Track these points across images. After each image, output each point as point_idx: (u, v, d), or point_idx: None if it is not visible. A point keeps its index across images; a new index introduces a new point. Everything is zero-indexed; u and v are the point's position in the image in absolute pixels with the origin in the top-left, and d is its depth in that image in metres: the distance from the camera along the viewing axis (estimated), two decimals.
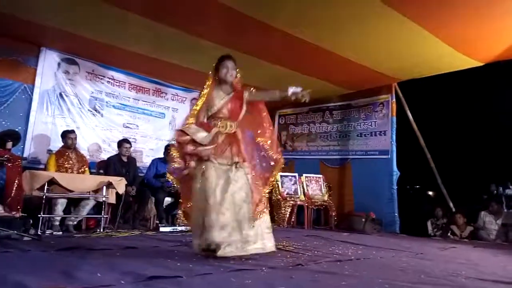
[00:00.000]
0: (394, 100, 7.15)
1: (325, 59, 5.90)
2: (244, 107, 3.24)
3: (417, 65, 6.14)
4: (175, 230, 5.28)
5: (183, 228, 5.40)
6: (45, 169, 5.19)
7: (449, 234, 6.51)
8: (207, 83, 3.31)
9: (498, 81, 6.72)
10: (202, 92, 3.29)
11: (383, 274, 2.60)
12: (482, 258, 3.92)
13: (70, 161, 5.11)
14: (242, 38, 5.39)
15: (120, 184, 5.00)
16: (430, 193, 8.20)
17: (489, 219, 6.35)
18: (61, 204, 4.72)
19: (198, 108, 3.22)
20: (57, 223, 4.69)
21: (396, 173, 6.91)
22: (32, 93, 5.64)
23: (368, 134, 7.46)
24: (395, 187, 6.90)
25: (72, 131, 5.29)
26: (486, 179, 7.25)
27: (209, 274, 2.31)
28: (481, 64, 5.92)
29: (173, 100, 7.37)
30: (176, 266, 2.51)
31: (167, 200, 5.91)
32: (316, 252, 3.55)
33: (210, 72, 3.36)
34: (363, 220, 6.75)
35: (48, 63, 5.80)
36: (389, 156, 7.03)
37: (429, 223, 6.96)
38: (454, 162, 7.71)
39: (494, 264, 3.48)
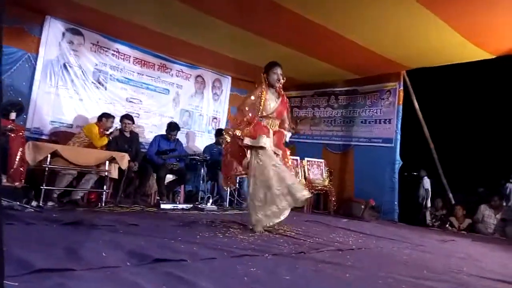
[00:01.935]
0: (401, 88, 7.06)
1: (333, 42, 5.79)
2: (285, 114, 4.03)
3: (428, 53, 6.03)
4: (175, 208, 5.30)
5: (183, 206, 5.43)
6: (54, 138, 5.21)
7: (447, 225, 6.55)
8: (261, 85, 3.89)
9: (508, 74, 6.62)
10: (255, 92, 3.88)
11: (385, 266, 2.61)
12: (482, 253, 3.94)
13: None
14: (251, 17, 5.27)
15: (123, 159, 4.98)
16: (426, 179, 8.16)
17: (489, 213, 6.38)
18: (66, 179, 4.69)
19: (249, 103, 3.85)
20: (55, 195, 4.67)
21: (398, 162, 6.90)
22: (35, 62, 5.54)
23: (372, 122, 7.40)
24: (396, 176, 6.90)
25: (113, 117, 5.54)
26: (488, 173, 7.26)
27: (213, 259, 2.30)
28: (492, 56, 5.83)
29: (177, 76, 7.26)
30: (180, 248, 2.51)
31: (169, 177, 5.92)
32: (317, 239, 3.56)
33: (263, 75, 3.91)
34: (362, 206, 6.77)
35: (53, 33, 5.67)
36: (393, 144, 6.99)
37: (427, 213, 7.01)
38: (458, 154, 7.67)
39: (494, 261, 3.50)
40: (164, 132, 6.20)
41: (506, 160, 7.15)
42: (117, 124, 5.89)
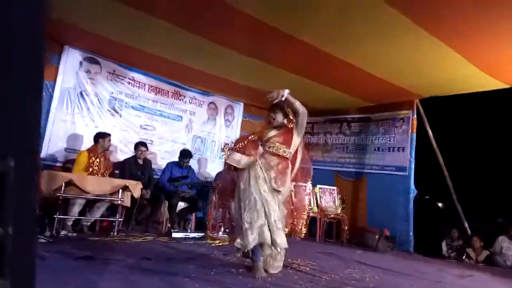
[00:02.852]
0: (415, 116, 7.02)
1: (346, 71, 5.80)
2: (295, 137, 3.56)
3: (441, 83, 6.01)
4: (187, 236, 5.26)
5: (195, 235, 5.39)
6: (65, 168, 5.22)
7: (464, 257, 6.37)
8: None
9: None
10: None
11: None
12: None
13: (98, 162, 5.14)
14: (265, 48, 5.33)
15: (136, 188, 5.00)
16: (440, 204, 8.05)
17: (507, 245, 6.20)
18: (78, 205, 4.73)
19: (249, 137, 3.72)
20: (70, 223, 4.69)
21: (413, 191, 6.79)
22: (53, 90, 5.64)
23: (385, 149, 7.33)
24: (411, 205, 6.77)
25: (109, 134, 5.38)
26: (507, 202, 7.11)
27: None
28: (507, 86, 5.78)
29: (191, 103, 7.33)
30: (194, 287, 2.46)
31: (180, 204, 5.89)
32: (332, 275, 3.48)
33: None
34: (377, 236, 6.62)
35: (71, 61, 5.79)
36: (407, 173, 6.90)
37: (444, 244, 6.83)
38: (473, 183, 7.54)
39: None
40: (176, 159, 6.22)
41: None
42: (131, 151, 5.95)
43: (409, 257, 6.03)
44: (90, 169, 5.02)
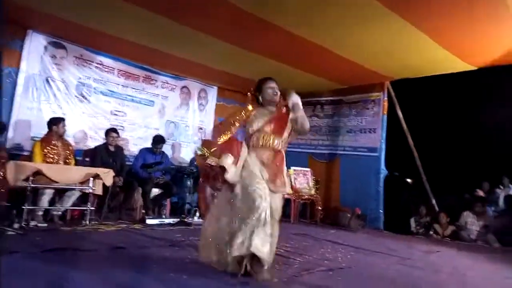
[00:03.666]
0: (386, 98, 7.16)
1: (320, 55, 5.84)
2: (289, 125, 2.98)
3: (412, 65, 6.13)
4: (162, 222, 5.24)
5: (170, 220, 5.37)
6: (30, 157, 5.03)
7: (431, 233, 6.64)
8: (248, 106, 3.05)
9: (490, 85, 6.78)
10: (243, 113, 3.02)
11: None
12: (467, 266, 4.00)
13: (56, 150, 4.96)
14: (240, 34, 5.30)
15: (107, 175, 4.91)
16: (409, 180, 8.32)
17: (471, 220, 6.49)
18: (47, 195, 4.60)
19: (235, 123, 2.99)
20: (41, 213, 4.58)
21: (384, 172, 6.97)
22: (17, 77, 5.40)
23: (358, 131, 7.47)
24: (381, 184, 6.97)
25: (63, 119, 5.12)
26: (471, 180, 7.41)
27: None
28: (474, 68, 5.95)
29: (163, 87, 7.19)
30: (169, 277, 2.46)
31: (154, 191, 5.84)
32: (307, 257, 3.56)
33: (248, 94, 3.13)
34: (349, 215, 6.80)
35: (35, 46, 5.54)
36: (378, 154, 7.07)
37: (412, 220, 7.08)
38: (441, 162, 7.81)
39: (479, 275, 3.55)
40: (149, 145, 6.13)
41: (490, 166, 7.32)
42: (102, 137, 5.82)
43: (379, 234, 6.24)
44: (48, 159, 4.83)
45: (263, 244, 2.56)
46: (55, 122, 5.01)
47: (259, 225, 2.59)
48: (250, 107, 3.03)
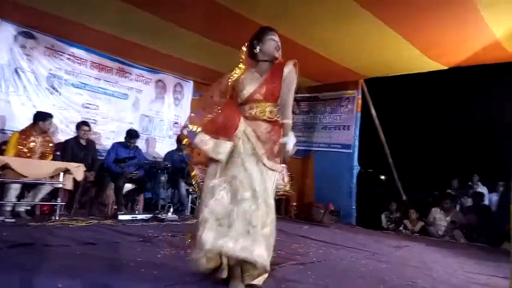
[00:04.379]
0: (360, 96, 7.29)
1: (296, 52, 5.82)
2: (283, 95, 2.51)
3: (385, 64, 6.26)
4: (134, 218, 5.17)
5: (143, 216, 5.31)
6: (4, 147, 4.87)
7: (401, 228, 6.83)
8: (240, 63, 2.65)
9: (460, 84, 7.01)
10: (232, 74, 2.60)
11: (345, 283, 2.69)
12: (434, 260, 4.13)
13: (33, 145, 4.84)
14: (216, 28, 5.28)
15: (78, 170, 4.81)
16: (382, 177, 8.55)
17: (440, 216, 6.70)
18: (14, 189, 4.48)
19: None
20: (9, 208, 4.46)
21: (357, 168, 7.12)
22: None
23: (332, 128, 7.59)
24: (354, 181, 7.11)
25: (50, 116, 5.04)
26: (440, 176, 7.66)
27: (175, 285, 2.27)
28: (445, 67, 6.14)
29: (137, 80, 7.07)
30: (140, 273, 2.45)
31: (127, 186, 5.76)
32: (279, 251, 3.59)
33: (243, 48, 2.68)
34: (322, 211, 6.92)
35: (4, 36, 5.34)
36: (351, 150, 7.21)
37: (383, 216, 7.26)
38: (412, 159, 8.04)
39: (445, 269, 3.68)
40: (123, 139, 6.03)
41: (460, 164, 7.59)
42: (73, 131, 5.68)
43: (351, 229, 6.37)
44: (23, 152, 4.73)
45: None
46: (42, 118, 4.94)
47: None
48: (242, 66, 2.62)
